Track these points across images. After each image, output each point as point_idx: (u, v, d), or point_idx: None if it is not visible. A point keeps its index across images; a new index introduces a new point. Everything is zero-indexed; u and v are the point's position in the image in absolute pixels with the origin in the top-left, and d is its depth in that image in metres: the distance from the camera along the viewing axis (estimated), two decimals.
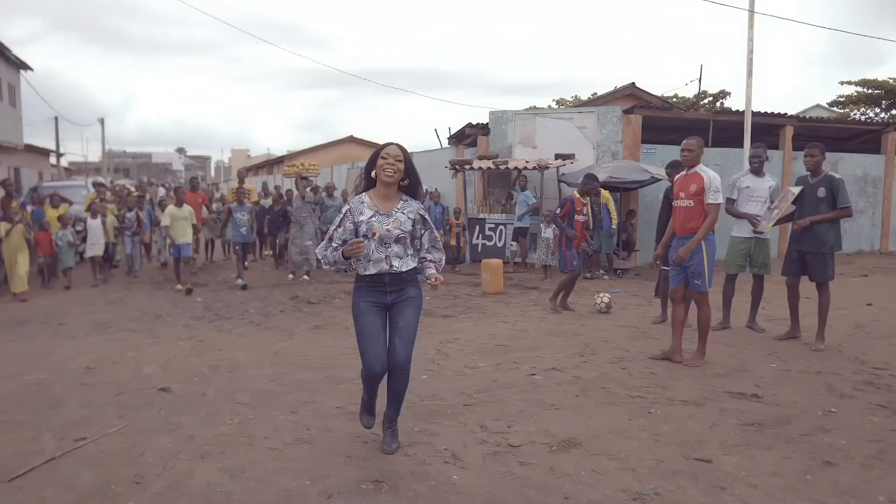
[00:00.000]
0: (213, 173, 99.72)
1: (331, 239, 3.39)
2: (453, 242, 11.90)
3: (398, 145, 3.35)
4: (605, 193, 10.40)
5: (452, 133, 14.92)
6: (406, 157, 3.34)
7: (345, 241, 3.32)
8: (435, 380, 4.98)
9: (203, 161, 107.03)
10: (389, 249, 3.34)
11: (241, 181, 12.88)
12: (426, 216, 3.48)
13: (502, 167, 11.89)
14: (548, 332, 6.67)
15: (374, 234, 3.31)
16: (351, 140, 32.59)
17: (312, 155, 32.47)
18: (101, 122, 41.00)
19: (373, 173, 3.37)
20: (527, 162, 11.82)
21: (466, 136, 14.22)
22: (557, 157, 11.87)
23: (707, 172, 5.36)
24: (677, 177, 5.68)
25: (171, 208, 9.95)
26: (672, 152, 11.56)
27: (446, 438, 3.75)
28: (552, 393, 4.63)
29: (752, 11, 11.52)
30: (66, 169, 39.61)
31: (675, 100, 26.19)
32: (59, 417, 4.15)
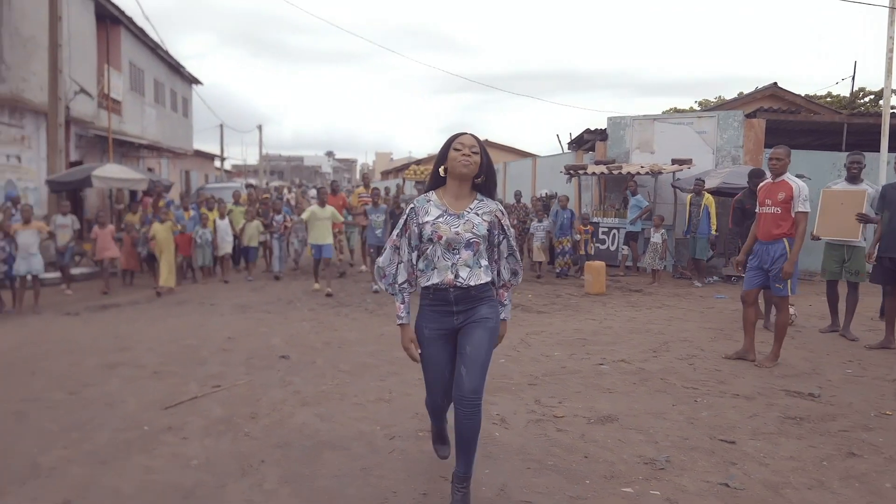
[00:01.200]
0: (357, 176, 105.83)
1: (397, 249, 2.93)
2: (582, 251, 11.67)
3: (473, 135, 2.89)
4: (708, 197, 10.43)
5: (572, 138, 15.36)
6: (483, 150, 2.88)
7: (415, 249, 2.91)
8: (510, 363, 5.66)
9: (349, 164, 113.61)
10: (457, 256, 2.82)
11: (367, 185, 12.96)
12: (505, 220, 2.97)
13: (616, 172, 12.22)
14: (632, 329, 7.09)
15: (440, 238, 2.81)
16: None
17: None
18: (259, 128, 45.45)
19: (441, 169, 2.90)
20: (641, 167, 12.06)
21: (585, 142, 14.63)
22: (674, 162, 12.00)
23: (795, 181, 5.58)
24: (762, 184, 5.92)
25: (314, 207, 10.24)
26: (802, 157, 11.32)
27: (501, 407, 4.44)
28: (612, 380, 5.15)
29: (892, 8, 10.99)
30: (227, 172, 44.25)
31: (828, 99, 24.62)
32: (202, 371, 5.33)
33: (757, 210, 5.82)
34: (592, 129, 14.11)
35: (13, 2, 12.24)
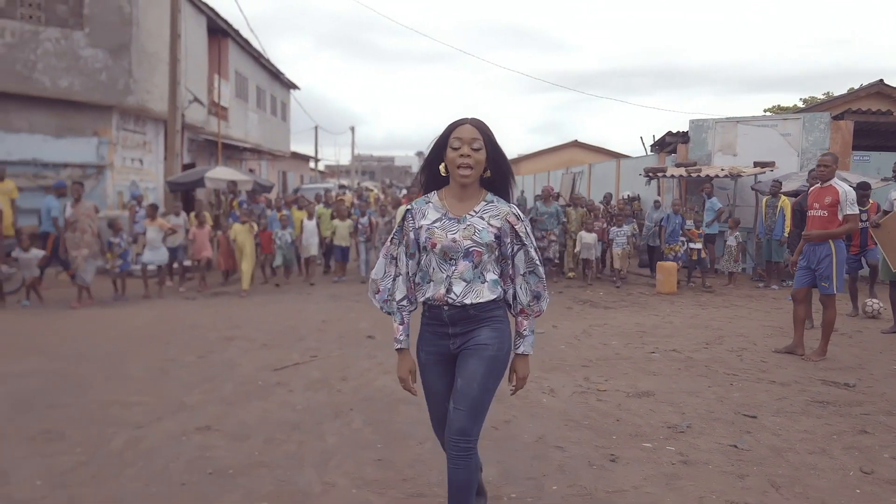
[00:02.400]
0: None
1: (394, 259, 2.55)
2: (693, 257, 11.18)
3: (474, 123, 2.42)
4: (784, 199, 10.67)
5: (655, 140, 15.74)
6: (489, 140, 2.42)
7: (413, 256, 2.52)
8: (569, 349, 6.42)
9: None
10: (453, 268, 2.42)
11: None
12: (522, 227, 2.48)
13: (695, 174, 12.58)
14: (692, 325, 7.65)
15: (433, 246, 2.42)
16: (575, 145, 33.63)
17: (536, 160, 34.42)
18: (352, 129, 47.69)
19: (441, 167, 2.48)
20: (721, 169, 12.37)
21: (668, 144, 14.99)
22: (756, 164, 12.24)
23: (842, 186, 6.05)
24: (811, 188, 6.40)
25: (402, 207, 11.46)
26: (890, 160, 11.31)
27: (552, 381, 5.23)
28: (659, 365, 5.82)
29: None
30: (321, 172, 46.71)
31: None
32: (302, 345, 6.43)
33: (808, 213, 6.31)
34: (675, 131, 14.46)
35: (141, 22, 14.04)
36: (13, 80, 12.72)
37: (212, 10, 18.18)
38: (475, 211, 2.46)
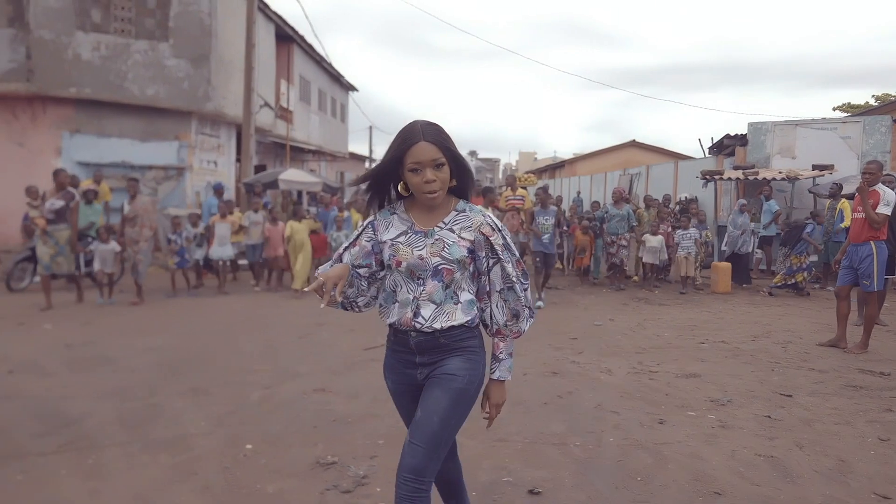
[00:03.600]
0: (500, 176, 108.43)
1: (335, 259, 2.37)
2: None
3: (429, 139, 2.17)
4: (844, 202, 11.14)
5: (713, 143, 16.26)
6: (447, 150, 2.20)
7: (372, 279, 2.36)
8: (625, 339, 7.23)
9: (492, 164, 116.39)
10: (421, 289, 2.25)
11: (513, 189, 12.20)
12: (499, 238, 2.29)
13: (752, 177, 13.13)
14: (742, 321, 8.35)
15: (398, 264, 2.25)
16: (633, 145, 33.76)
17: (593, 160, 34.84)
18: None
19: (401, 187, 2.32)
20: (779, 172, 12.90)
21: (726, 147, 15.51)
22: (814, 167, 12.73)
23: (885, 190, 6.71)
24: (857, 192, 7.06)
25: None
26: None
27: (609, 364, 6.07)
28: (707, 354, 6.58)
29: None
30: None
31: None
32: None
33: (852, 216, 6.97)
34: (733, 134, 15.00)
35: (219, 33, 15.38)
36: (107, 90, 14.19)
37: (280, 18, 19.51)
38: (444, 223, 2.27)
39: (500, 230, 2.29)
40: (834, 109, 31.31)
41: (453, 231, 2.26)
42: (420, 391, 2.30)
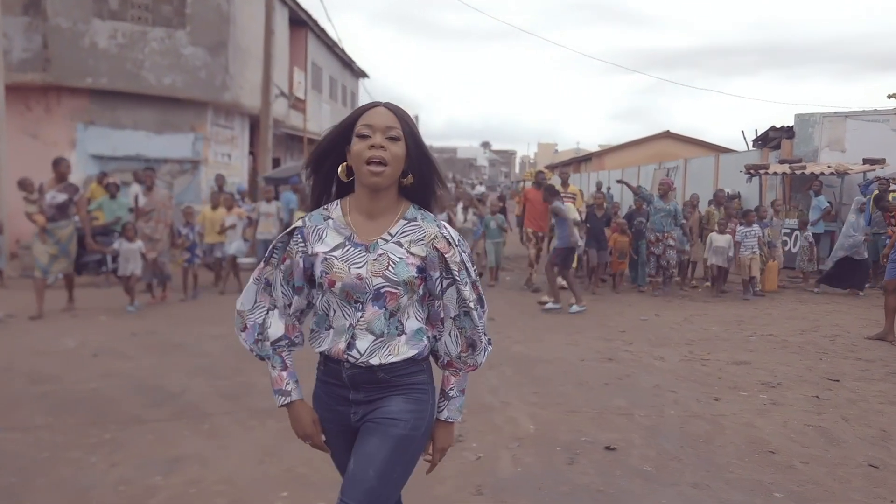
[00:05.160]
0: (517, 169, 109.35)
1: (268, 286, 2.15)
2: None
3: (390, 107, 2.04)
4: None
5: (758, 135, 17.14)
6: (409, 130, 2.03)
7: (300, 291, 2.13)
8: (673, 332, 8.14)
9: (507, 156, 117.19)
10: (359, 315, 2.02)
11: (564, 182, 12.81)
12: (457, 254, 2.06)
13: (799, 172, 13.99)
14: (789, 316, 9.26)
15: (332, 285, 2.01)
16: (667, 136, 34.18)
17: (623, 153, 35.48)
18: (416, 118, 49.89)
19: (341, 170, 2.09)
20: (828, 166, 13.76)
21: (771, 139, 16.40)
22: (865, 161, 13.59)
23: None
24: None
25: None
26: None
27: (661, 353, 7.00)
28: (755, 345, 7.50)
29: None
30: None
31: None
32: None
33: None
34: (778, 126, 15.88)
35: (237, 19, 16.37)
36: (124, 79, 15.19)
37: (294, 1, 20.51)
38: (391, 234, 2.03)
39: (457, 245, 2.05)
40: (889, 97, 31.92)
41: (401, 245, 2.02)
42: (353, 434, 2.09)
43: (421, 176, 2.07)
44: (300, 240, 2.08)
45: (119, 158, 15.33)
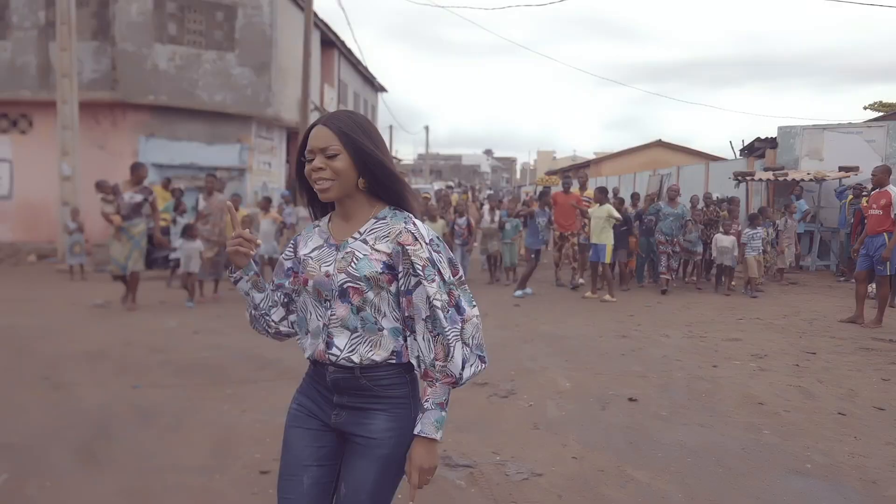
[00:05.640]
0: (518, 175, 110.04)
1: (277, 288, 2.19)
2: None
3: (327, 122, 1.95)
4: (864, 200, 12.75)
5: (744, 145, 17.91)
6: (348, 139, 1.93)
7: (277, 288, 2.14)
8: (673, 317, 8.92)
9: (509, 163, 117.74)
10: (330, 313, 1.95)
11: (583, 186, 12.85)
12: (420, 250, 1.92)
13: (782, 178, 14.76)
14: (773, 304, 10.04)
15: (305, 283, 2.00)
16: (659, 145, 34.97)
17: (618, 160, 36.12)
18: (426, 128, 50.77)
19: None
20: (807, 173, 14.52)
21: (756, 149, 17.16)
22: (841, 169, 14.35)
23: (894, 190, 8.38)
24: (873, 193, 8.73)
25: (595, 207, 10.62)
26: None
27: (666, 331, 7.78)
28: (745, 326, 8.27)
29: None
30: None
31: None
32: None
33: (868, 213, 8.65)
34: (763, 137, 16.65)
35: (279, 43, 17.20)
36: (181, 97, 16.03)
37: (326, 25, 21.35)
38: (360, 232, 1.98)
39: (425, 241, 1.92)
40: (865, 108, 32.75)
41: (366, 242, 1.95)
42: (326, 431, 2.01)
43: (374, 178, 1.96)
44: (293, 247, 2.12)
45: (176, 167, 16.14)
